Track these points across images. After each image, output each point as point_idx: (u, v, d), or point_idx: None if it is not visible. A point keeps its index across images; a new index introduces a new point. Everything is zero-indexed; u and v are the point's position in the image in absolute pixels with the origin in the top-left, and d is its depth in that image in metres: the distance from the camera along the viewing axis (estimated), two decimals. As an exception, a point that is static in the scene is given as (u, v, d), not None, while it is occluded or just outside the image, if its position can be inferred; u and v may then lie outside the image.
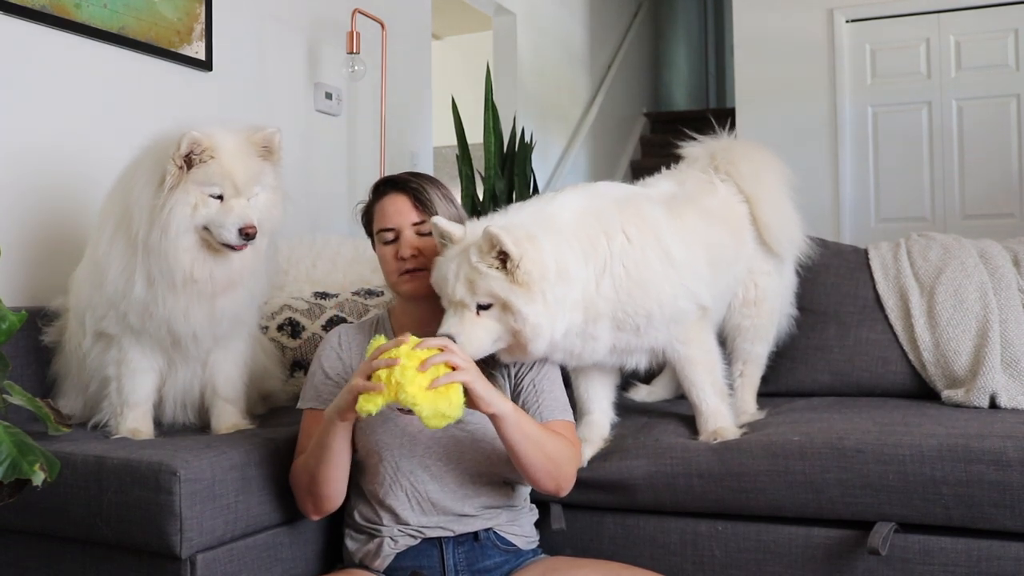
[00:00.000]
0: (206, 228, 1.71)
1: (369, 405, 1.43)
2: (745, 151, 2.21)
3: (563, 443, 1.67)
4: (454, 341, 1.55)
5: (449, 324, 1.60)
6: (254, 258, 1.81)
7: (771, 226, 2.13)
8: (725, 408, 1.94)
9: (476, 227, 1.65)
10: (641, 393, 2.36)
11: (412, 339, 1.49)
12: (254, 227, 1.70)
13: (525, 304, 1.59)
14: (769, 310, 2.18)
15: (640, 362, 1.91)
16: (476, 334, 1.60)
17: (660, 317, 1.80)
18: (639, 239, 1.77)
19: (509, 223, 1.66)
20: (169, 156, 1.67)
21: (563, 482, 1.68)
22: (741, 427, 1.94)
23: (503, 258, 1.59)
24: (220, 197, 1.71)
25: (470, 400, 1.49)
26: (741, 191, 2.13)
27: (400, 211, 1.75)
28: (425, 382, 1.42)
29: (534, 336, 1.61)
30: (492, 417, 1.54)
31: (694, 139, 2.25)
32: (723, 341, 2.14)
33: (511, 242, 1.57)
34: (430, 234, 1.72)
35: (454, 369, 1.47)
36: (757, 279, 2.14)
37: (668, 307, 1.80)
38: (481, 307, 1.61)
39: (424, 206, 1.74)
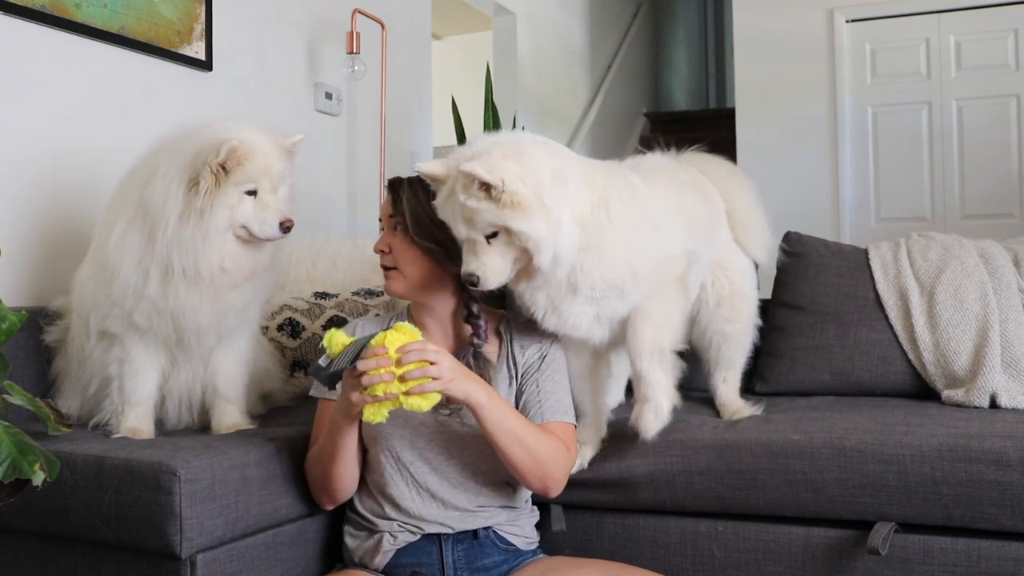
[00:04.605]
0: (244, 226, 1.76)
1: (378, 417, 1.54)
2: (714, 160, 2.22)
3: (551, 442, 1.67)
4: (477, 279, 1.62)
5: (468, 263, 1.64)
6: (276, 247, 1.87)
7: (747, 223, 2.14)
8: (666, 380, 1.81)
9: (461, 158, 1.65)
10: None
11: (396, 336, 1.53)
12: (291, 220, 1.79)
13: (523, 223, 1.59)
14: (749, 313, 2.13)
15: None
16: (494, 263, 1.63)
17: (644, 273, 1.76)
18: (627, 197, 1.76)
19: (496, 142, 1.65)
20: (203, 161, 1.70)
21: (549, 482, 1.68)
22: (733, 417, 1.94)
23: (487, 188, 1.58)
24: (253, 192, 1.76)
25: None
26: (715, 185, 2.12)
27: (385, 207, 1.79)
28: (404, 388, 1.51)
29: (537, 249, 1.62)
30: (468, 406, 1.58)
31: (698, 140, 2.23)
32: (704, 348, 2.12)
33: (485, 171, 1.56)
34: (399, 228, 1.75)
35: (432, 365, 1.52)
36: (732, 276, 2.09)
37: (653, 260, 1.76)
38: (488, 236, 1.63)
39: (397, 201, 1.76)
